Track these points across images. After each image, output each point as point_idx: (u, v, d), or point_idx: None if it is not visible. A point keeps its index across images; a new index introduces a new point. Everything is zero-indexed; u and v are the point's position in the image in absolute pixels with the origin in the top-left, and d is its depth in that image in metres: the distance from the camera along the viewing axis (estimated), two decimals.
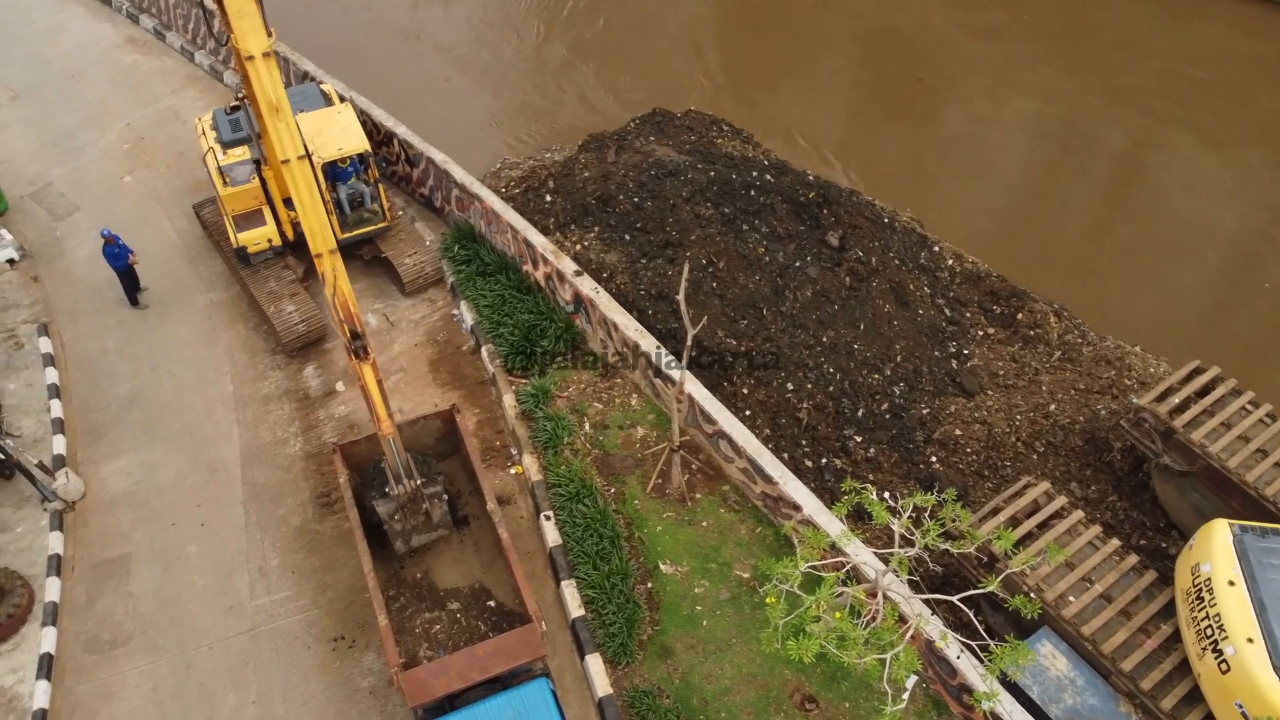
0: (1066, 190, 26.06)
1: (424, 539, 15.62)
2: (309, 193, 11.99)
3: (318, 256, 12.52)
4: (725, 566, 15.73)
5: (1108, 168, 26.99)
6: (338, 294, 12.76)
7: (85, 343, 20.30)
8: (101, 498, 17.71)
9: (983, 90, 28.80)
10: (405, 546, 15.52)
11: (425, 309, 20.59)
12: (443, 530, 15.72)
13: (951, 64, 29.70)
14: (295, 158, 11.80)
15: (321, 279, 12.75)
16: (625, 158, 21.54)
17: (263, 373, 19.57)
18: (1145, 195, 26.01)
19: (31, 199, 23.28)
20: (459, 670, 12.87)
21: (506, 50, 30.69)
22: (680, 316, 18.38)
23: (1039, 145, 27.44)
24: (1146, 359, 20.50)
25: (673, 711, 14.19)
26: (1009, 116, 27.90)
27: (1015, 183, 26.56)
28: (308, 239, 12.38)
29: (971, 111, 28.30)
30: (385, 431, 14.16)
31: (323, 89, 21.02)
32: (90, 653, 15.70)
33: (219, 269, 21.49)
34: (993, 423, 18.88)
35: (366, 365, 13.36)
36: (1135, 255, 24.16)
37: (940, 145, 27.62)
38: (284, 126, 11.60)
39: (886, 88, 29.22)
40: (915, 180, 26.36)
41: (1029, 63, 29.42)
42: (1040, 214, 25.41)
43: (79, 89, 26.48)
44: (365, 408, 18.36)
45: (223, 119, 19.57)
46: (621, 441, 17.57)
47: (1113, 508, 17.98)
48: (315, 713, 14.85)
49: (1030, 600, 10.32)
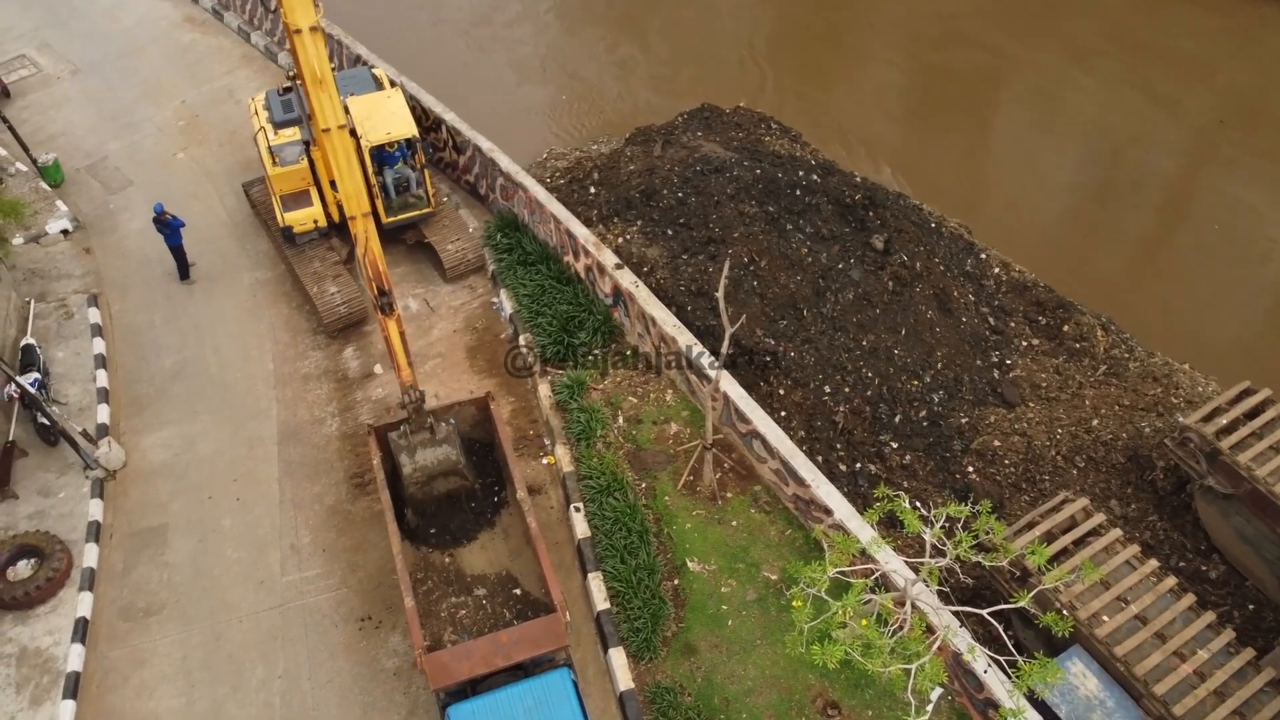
0: (1121, 201, 25.52)
1: (431, 458, 15.72)
2: (346, 160, 12.97)
3: (352, 219, 13.39)
4: (753, 567, 15.64)
5: (1165, 179, 26.38)
6: (368, 254, 13.59)
7: (133, 314, 20.67)
8: (142, 468, 18.02)
9: (1039, 100, 28.27)
10: (411, 463, 15.64)
11: (465, 295, 20.68)
12: (450, 452, 15.78)
13: (1010, 71, 29.20)
14: (335, 127, 12.69)
15: (354, 239, 13.61)
16: (671, 152, 21.46)
17: (303, 352, 19.80)
18: (1203, 209, 25.40)
19: (87, 172, 23.74)
20: (482, 655, 12.93)
21: (560, 41, 30.73)
22: (719, 314, 18.33)
23: (1094, 155, 26.89)
24: (1195, 377, 20.03)
25: (694, 709, 14.15)
26: (1065, 126, 27.37)
27: (1068, 193, 26.04)
28: (343, 202, 13.21)
29: (1026, 120, 27.82)
30: (406, 381, 15.19)
31: (374, 73, 21.18)
32: (124, 619, 16.00)
33: (265, 247, 21.77)
34: (1033, 435, 18.57)
35: (391, 320, 14.41)
36: (1189, 270, 23.60)
37: (993, 152, 27.23)
38: (326, 97, 12.39)
39: (940, 91, 28.80)
40: (965, 186, 26.01)
41: (1088, 75, 28.79)
42: (1092, 225, 24.90)
43: (137, 65, 26.95)
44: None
45: (275, 100, 19.80)
46: (654, 437, 17.52)
47: (1152, 527, 17.61)
48: (340, 690, 15.01)
49: (1063, 618, 10.11)
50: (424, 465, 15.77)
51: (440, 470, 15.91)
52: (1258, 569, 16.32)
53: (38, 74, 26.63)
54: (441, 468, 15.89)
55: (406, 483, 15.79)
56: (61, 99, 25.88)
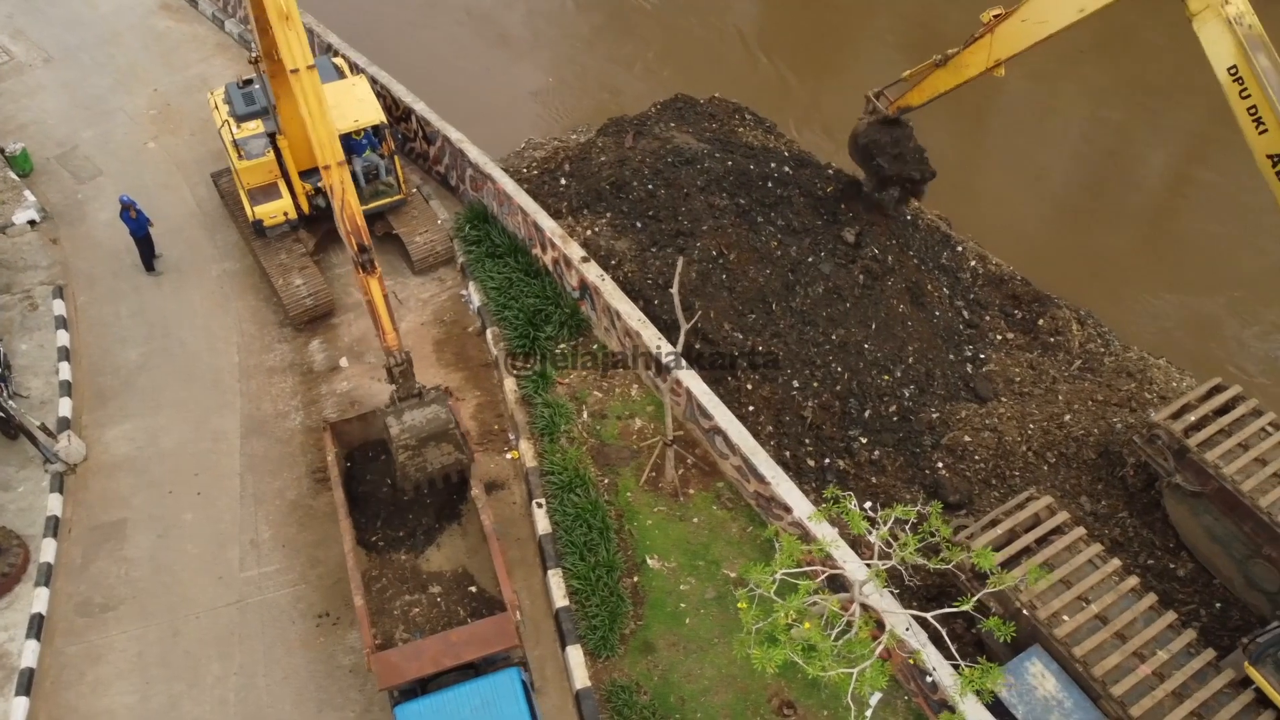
0: (1108, 194, 25.21)
1: (420, 417, 14.64)
2: (318, 103, 12.59)
3: (325, 168, 12.98)
4: (713, 565, 15.50)
5: (1154, 175, 26.09)
6: (345, 207, 13.05)
7: (100, 306, 20.49)
8: (104, 461, 17.87)
9: (1030, 90, 27.89)
10: (399, 424, 14.55)
11: (434, 288, 20.50)
12: (440, 411, 14.76)
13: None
14: (304, 67, 12.39)
15: (329, 191, 13.11)
16: (643, 143, 21.23)
17: (269, 345, 19.62)
18: (1188, 203, 25.16)
19: (58, 161, 23.51)
20: (432, 655, 12.81)
21: (545, 29, 30.42)
22: (685, 309, 18.14)
23: (1083, 148, 26.56)
24: (1170, 372, 19.85)
25: (649, 708, 14.04)
26: (1054, 118, 26.98)
27: (1054, 185, 25.72)
28: (316, 150, 12.83)
29: (1017, 113, 27.46)
30: (391, 344, 14.43)
31: (334, 62, 20.95)
32: (81, 615, 15.88)
33: (234, 239, 21.56)
34: (1004, 431, 18.39)
35: (373, 279, 13.73)
36: (1172, 263, 23.37)
37: (979, 142, 26.92)
38: (293, 35, 12.17)
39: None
40: (951, 179, 25.65)
41: (1081, 67, 28.37)
42: (1078, 216, 24.60)
43: (112, 53, 26.67)
44: (367, 385, 18.48)
45: (236, 93, 19.56)
46: (619, 432, 17.37)
47: (1122, 524, 17.46)
48: (295, 687, 14.90)
49: (1005, 624, 9.97)
50: (413, 425, 14.59)
51: (431, 432, 14.65)
52: (1225, 567, 16.19)
53: (10, 61, 26.35)
54: (431, 428, 14.66)
55: (396, 448, 14.54)
56: (34, 87, 25.62)
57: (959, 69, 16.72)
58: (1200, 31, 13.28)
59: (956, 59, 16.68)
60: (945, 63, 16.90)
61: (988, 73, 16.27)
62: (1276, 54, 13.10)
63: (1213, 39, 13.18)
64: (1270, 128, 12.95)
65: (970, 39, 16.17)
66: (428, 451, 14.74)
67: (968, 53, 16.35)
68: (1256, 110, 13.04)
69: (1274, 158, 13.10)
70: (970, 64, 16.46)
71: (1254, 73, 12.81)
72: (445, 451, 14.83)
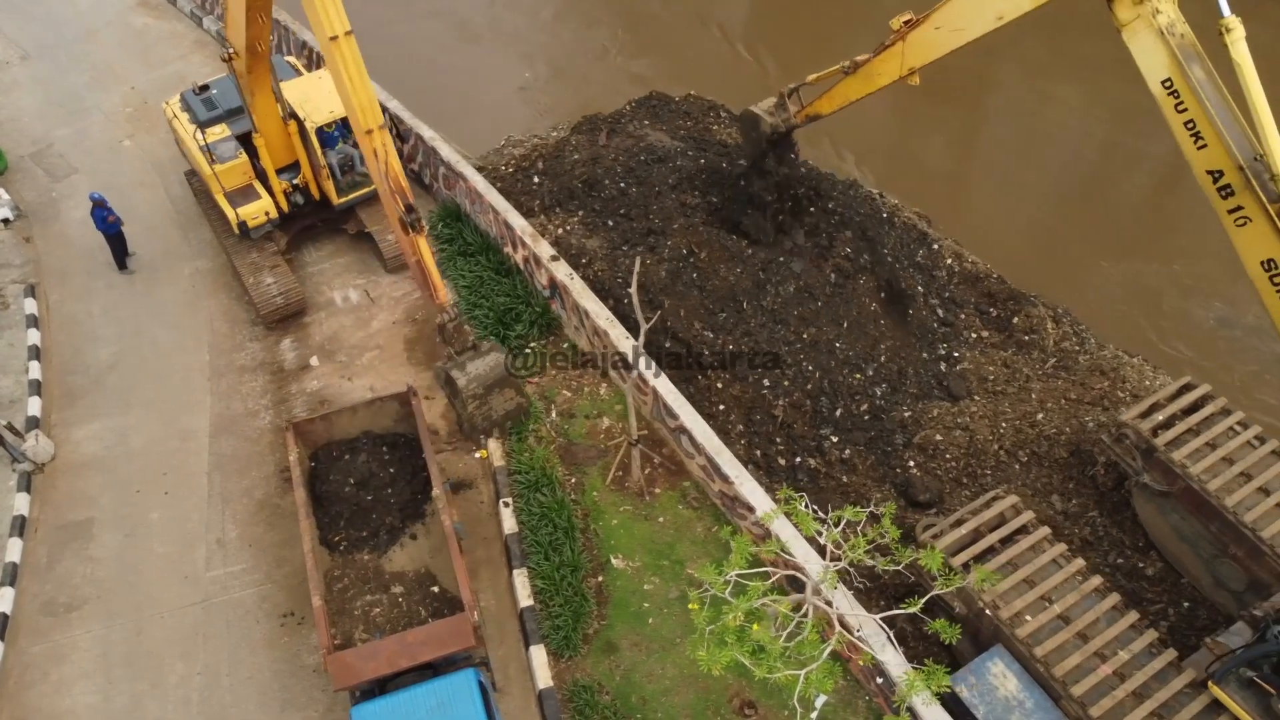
0: (1094, 194, 25.07)
1: (483, 367, 16.04)
2: (358, 69, 12.73)
3: (367, 133, 13.19)
4: (678, 564, 15.47)
5: (1145, 175, 25.91)
6: (388, 169, 13.31)
7: (72, 304, 20.45)
8: (73, 460, 17.84)
9: (1018, 92, 27.81)
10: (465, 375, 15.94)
11: (407, 286, 20.43)
12: (500, 359, 16.28)
13: (990, 63, 28.63)
14: (343, 33, 12.46)
15: (373, 155, 13.35)
16: (617, 141, 21.18)
17: (241, 344, 19.58)
18: (1174, 201, 25.06)
19: (32, 159, 23.47)
20: (388, 656, 12.77)
21: (535, 27, 30.32)
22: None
23: (1072, 147, 26.40)
24: (1144, 371, 19.78)
25: (611, 708, 14.01)
26: (1041, 119, 26.83)
27: (1039, 183, 25.57)
28: (359, 115, 13.07)
29: (1004, 111, 27.34)
30: (442, 299, 15.33)
31: (288, 61, 20.89)
32: (46, 614, 15.85)
33: (208, 237, 21.51)
34: (975, 429, 18.34)
35: (421, 238, 14.21)
36: (1150, 262, 23.30)
37: (964, 141, 26.78)
38: (330, 1, 12.17)
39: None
40: (934, 177, 25.55)
41: (1073, 64, 28.23)
42: (1063, 216, 24.48)
43: (90, 50, 26.64)
44: (337, 384, 18.46)
45: (194, 100, 19.46)
46: (587, 431, 17.33)
47: (1092, 523, 17.41)
48: (259, 687, 14.87)
49: (952, 626, 9.91)
50: (478, 375, 15.98)
51: (495, 379, 16.16)
52: (1193, 566, 16.14)
53: None
54: (495, 375, 16.15)
55: (466, 399, 16.07)
56: (10, 84, 25.58)
57: (870, 77, 15.71)
58: (1130, 43, 12.42)
59: (867, 67, 15.68)
60: (855, 70, 15.91)
61: (901, 81, 15.28)
62: (1211, 65, 12.55)
63: (1144, 51, 12.32)
64: (1209, 142, 12.18)
65: (881, 46, 15.25)
66: (493, 399, 16.30)
67: (879, 60, 15.38)
68: (1194, 124, 12.25)
69: (1214, 173, 12.39)
70: (882, 72, 15.46)
71: (1189, 86, 12.03)
72: (508, 397, 16.52)
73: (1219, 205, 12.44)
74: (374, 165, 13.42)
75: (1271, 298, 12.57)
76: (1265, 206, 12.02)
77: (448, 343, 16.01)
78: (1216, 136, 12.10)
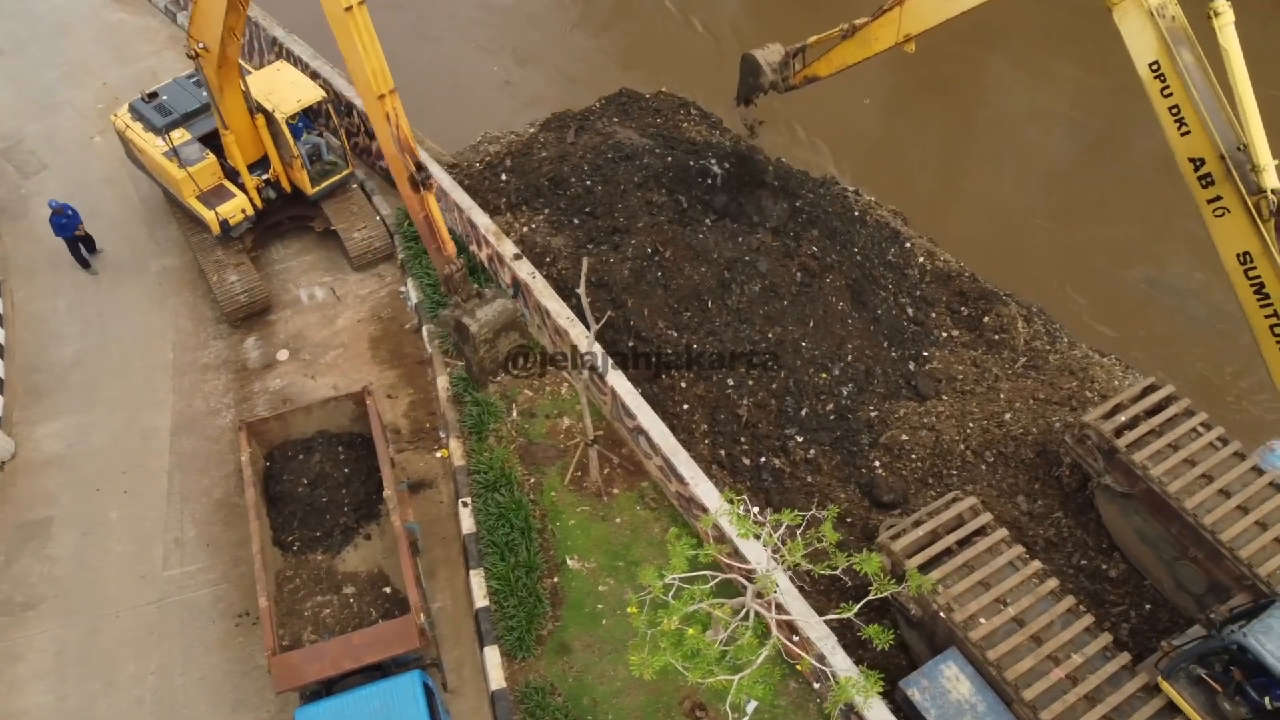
0: (1074, 191, 24.86)
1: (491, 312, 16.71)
2: (370, 38, 13.20)
3: (380, 98, 13.63)
4: (633, 565, 15.37)
5: (1135, 171, 25.71)
6: (399, 131, 13.96)
7: (37, 302, 20.35)
8: (34, 459, 17.78)
9: (1000, 87, 27.60)
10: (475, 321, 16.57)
11: (374, 284, 20.34)
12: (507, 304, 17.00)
13: (976, 60, 28.41)
14: (357, 4, 12.89)
15: (384, 119, 13.92)
16: (585, 139, 21.04)
17: (205, 341, 19.48)
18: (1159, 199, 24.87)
19: (2, 156, 23.33)
20: (333, 657, 12.69)
21: (511, 20, 30.13)
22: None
23: (1053, 145, 26.19)
24: (1113, 371, 19.67)
25: (563, 710, 13.96)
26: (1025, 116, 26.64)
27: (1020, 181, 25.37)
28: (371, 82, 13.54)
29: (987, 107, 27.13)
30: (450, 252, 16.10)
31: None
32: (2, 614, 15.82)
33: (175, 234, 21.34)
34: (942, 429, 18.24)
35: (430, 195, 14.97)
36: (1126, 261, 23.15)
37: (948, 138, 26.55)
38: None
39: (898, 79, 28.08)
40: (913, 171, 25.34)
41: (1056, 62, 28.00)
42: (1040, 213, 24.31)
43: (64, 45, 26.46)
44: (300, 382, 18.38)
45: (145, 108, 19.28)
46: (547, 431, 17.24)
47: (1057, 524, 17.32)
48: (212, 686, 14.83)
49: (884, 632, 9.82)
50: (488, 320, 16.67)
51: (503, 323, 16.87)
52: (1155, 568, 16.06)
53: None
54: (503, 319, 16.86)
55: (478, 343, 16.70)
56: None
57: (866, 42, 15.83)
58: (1120, 24, 12.48)
59: (864, 31, 15.81)
60: (852, 34, 16.04)
61: (897, 47, 15.37)
62: (1202, 52, 12.59)
63: (1134, 32, 12.37)
64: (1193, 129, 12.18)
65: (879, 10, 15.35)
66: (499, 342, 16.96)
67: (876, 25, 15.48)
68: (1179, 110, 12.23)
69: (1196, 161, 12.42)
70: (878, 38, 15.57)
71: (1176, 70, 12.04)
72: (513, 340, 17.18)
73: (1198, 194, 12.42)
74: (385, 129, 14.04)
75: (1245, 291, 12.52)
76: (1244, 198, 11.95)
77: (454, 291, 16.72)
78: (1200, 123, 12.07)
